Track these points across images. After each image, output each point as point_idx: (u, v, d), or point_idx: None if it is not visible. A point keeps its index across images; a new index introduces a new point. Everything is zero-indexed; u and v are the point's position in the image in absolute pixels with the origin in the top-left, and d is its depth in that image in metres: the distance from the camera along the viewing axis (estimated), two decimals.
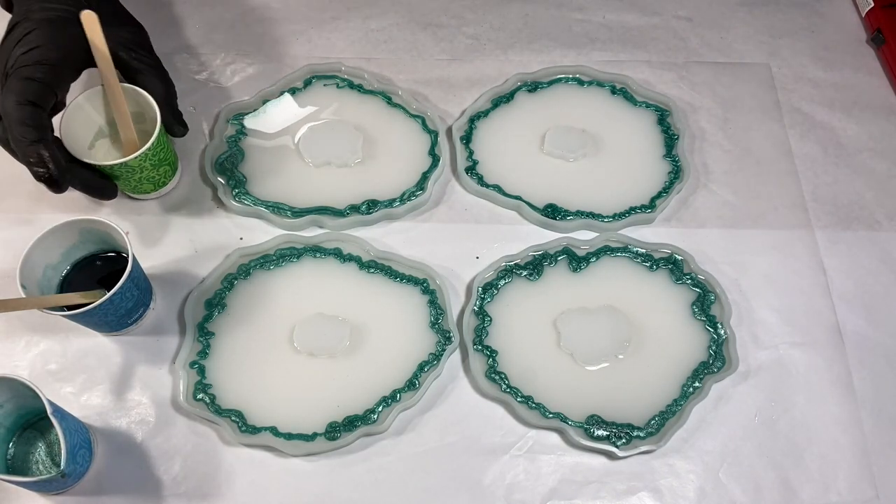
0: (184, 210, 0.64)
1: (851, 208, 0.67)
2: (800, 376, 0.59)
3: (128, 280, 0.53)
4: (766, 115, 0.72)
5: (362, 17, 0.76)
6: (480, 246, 0.64)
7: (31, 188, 0.61)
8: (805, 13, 0.79)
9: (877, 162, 0.70)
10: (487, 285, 0.61)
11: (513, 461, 0.56)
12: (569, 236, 0.64)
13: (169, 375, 0.58)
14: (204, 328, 0.59)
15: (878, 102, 0.73)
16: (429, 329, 0.59)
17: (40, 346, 0.58)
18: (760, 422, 0.58)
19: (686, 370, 0.58)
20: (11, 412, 0.53)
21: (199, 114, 0.69)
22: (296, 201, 0.64)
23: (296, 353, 0.58)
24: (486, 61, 0.74)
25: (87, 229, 0.55)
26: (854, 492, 0.55)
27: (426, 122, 0.68)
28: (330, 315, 0.59)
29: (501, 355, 0.59)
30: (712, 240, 0.65)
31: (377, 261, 0.62)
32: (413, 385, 0.57)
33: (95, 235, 0.56)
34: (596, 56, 0.74)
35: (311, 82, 0.70)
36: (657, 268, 0.63)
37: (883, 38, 0.75)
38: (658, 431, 0.56)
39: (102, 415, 0.56)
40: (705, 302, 0.61)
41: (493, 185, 0.66)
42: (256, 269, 0.61)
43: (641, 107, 0.71)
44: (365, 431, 0.55)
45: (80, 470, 0.53)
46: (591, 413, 0.57)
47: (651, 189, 0.66)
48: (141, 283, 0.56)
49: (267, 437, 0.55)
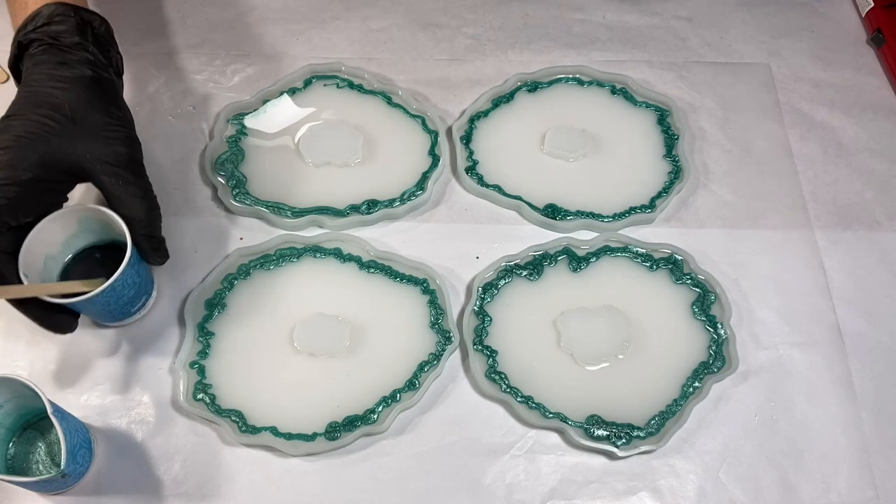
0: (184, 210, 0.64)
1: (851, 208, 0.67)
2: (800, 376, 0.59)
3: (128, 266, 0.53)
4: (766, 115, 0.72)
5: (362, 17, 0.76)
6: (480, 246, 0.64)
7: None
8: (805, 13, 0.79)
9: (877, 162, 0.70)
10: (487, 285, 0.61)
11: (513, 461, 0.56)
12: (569, 236, 0.64)
13: (169, 375, 0.58)
14: (204, 328, 0.59)
15: (878, 102, 0.73)
16: (429, 329, 0.59)
17: (40, 346, 0.58)
18: (760, 422, 0.58)
19: (686, 370, 0.59)
20: (11, 412, 0.53)
21: (199, 114, 0.69)
22: (296, 201, 0.64)
23: (296, 353, 0.58)
24: (486, 61, 0.74)
25: (86, 217, 0.55)
26: (854, 492, 0.55)
27: (426, 122, 0.68)
28: (330, 315, 0.59)
29: (501, 355, 0.59)
30: (712, 240, 0.65)
31: (377, 261, 0.62)
32: (413, 385, 0.57)
33: (95, 224, 0.56)
34: (596, 56, 0.74)
35: (311, 82, 0.70)
36: (657, 268, 0.63)
37: (883, 38, 0.75)
38: (658, 431, 0.56)
39: (102, 415, 0.56)
40: (705, 302, 0.61)
41: (493, 185, 0.66)
42: (256, 269, 0.61)
43: (641, 107, 0.71)
44: (365, 431, 0.55)
45: (80, 470, 0.53)
46: (591, 413, 0.57)
47: (651, 189, 0.66)
48: (141, 270, 0.56)
49: (267, 437, 0.55)
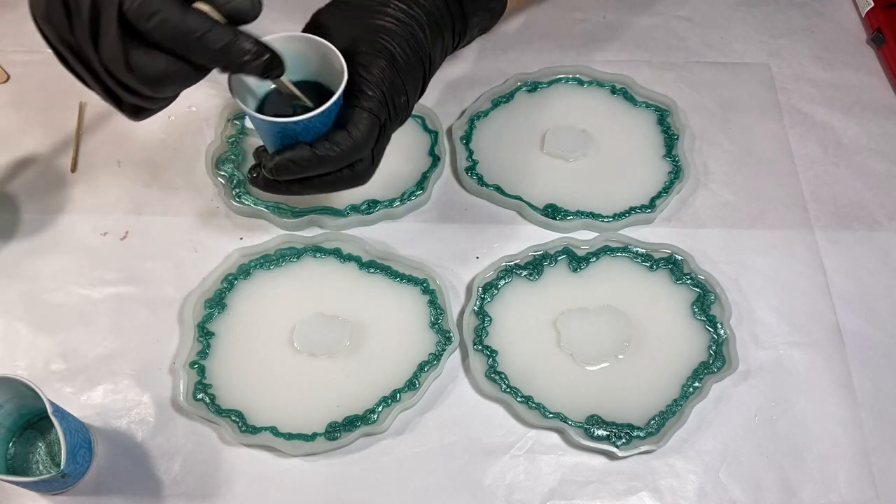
0: (184, 210, 0.64)
1: (851, 208, 0.67)
2: (800, 376, 0.59)
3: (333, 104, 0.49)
4: (766, 115, 0.72)
5: None
6: (480, 246, 0.64)
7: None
8: (805, 13, 0.79)
9: (877, 162, 0.70)
10: (487, 285, 0.61)
11: (513, 461, 0.56)
12: (569, 236, 0.64)
13: (169, 375, 0.58)
14: (204, 328, 0.59)
15: (878, 102, 0.73)
16: (429, 329, 0.59)
17: (40, 346, 0.58)
18: (760, 422, 0.58)
19: (686, 370, 0.58)
20: (11, 412, 0.53)
21: (199, 114, 0.69)
22: (296, 201, 0.64)
23: (296, 353, 0.58)
24: (486, 61, 0.73)
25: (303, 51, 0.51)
26: (854, 492, 0.55)
27: (426, 122, 0.68)
28: (330, 315, 0.59)
29: (501, 355, 0.59)
30: (712, 240, 0.65)
31: (377, 261, 0.62)
32: (413, 385, 0.57)
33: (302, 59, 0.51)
34: (596, 56, 0.74)
35: None
36: (657, 268, 0.63)
37: (883, 38, 0.75)
38: (658, 431, 0.56)
39: (102, 415, 0.56)
40: (705, 302, 0.61)
41: (493, 185, 0.66)
42: (257, 269, 0.61)
43: (641, 107, 0.71)
44: (365, 431, 0.55)
45: (80, 470, 0.53)
46: (591, 413, 0.56)
47: (651, 189, 0.66)
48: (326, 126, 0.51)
49: (267, 437, 0.55)
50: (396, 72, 0.51)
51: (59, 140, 0.67)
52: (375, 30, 0.51)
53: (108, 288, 0.61)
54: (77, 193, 0.65)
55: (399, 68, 0.51)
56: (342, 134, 0.50)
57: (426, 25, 0.53)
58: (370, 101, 0.50)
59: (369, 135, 0.50)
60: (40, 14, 0.43)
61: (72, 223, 0.63)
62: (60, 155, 0.66)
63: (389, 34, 0.51)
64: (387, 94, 0.51)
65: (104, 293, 0.60)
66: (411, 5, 0.53)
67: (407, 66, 0.52)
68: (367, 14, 0.52)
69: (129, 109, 0.47)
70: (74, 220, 0.63)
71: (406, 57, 0.52)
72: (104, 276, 0.61)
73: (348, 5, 0.53)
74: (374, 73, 0.50)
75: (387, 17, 0.52)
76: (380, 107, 0.50)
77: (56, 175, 0.65)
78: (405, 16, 0.52)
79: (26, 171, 0.65)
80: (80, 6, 0.41)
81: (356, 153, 0.51)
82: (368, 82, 0.50)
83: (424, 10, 0.53)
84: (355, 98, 0.50)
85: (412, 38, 0.52)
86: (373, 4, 0.52)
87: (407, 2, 0.53)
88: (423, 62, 0.53)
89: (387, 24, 0.52)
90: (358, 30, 0.52)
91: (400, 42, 0.52)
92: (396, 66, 0.51)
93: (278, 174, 0.51)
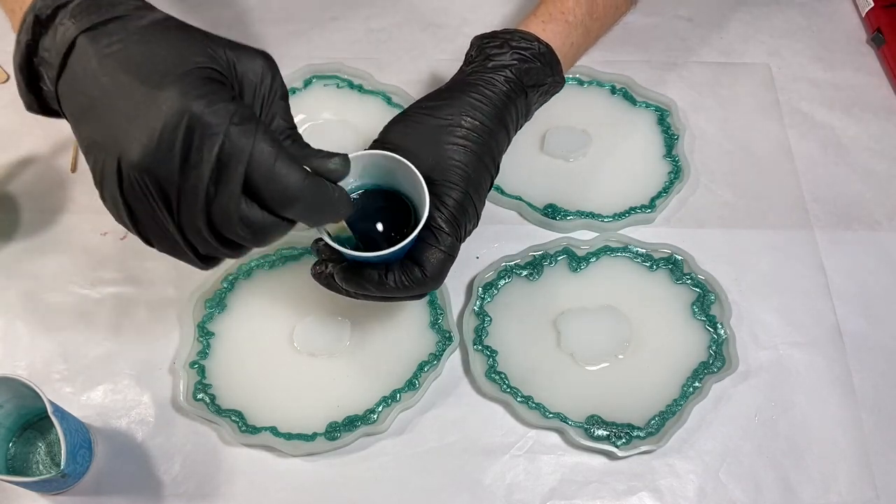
0: None
1: (851, 208, 0.67)
2: (800, 376, 0.59)
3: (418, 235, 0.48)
4: (765, 115, 0.72)
5: (362, 17, 0.76)
6: (480, 246, 0.64)
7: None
8: (805, 13, 0.79)
9: (877, 162, 0.70)
10: (487, 285, 0.61)
11: (513, 461, 0.56)
12: (569, 236, 0.64)
13: (169, 375, 0.58)
14: (204, 328, 0.59)
15: (878, 102, 0.73)
16: (429, 329, 0.59)
17: (40, 346, 0.58)
18: (760, 422, 0.58)
19: (686, 370, 0.58)
20: (11, 412, 0.53)
21: None
22: None
23: (296, 353, 0.58)
24: None
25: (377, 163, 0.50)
26: (854, 492, 0.55)
27: None
28: (330, 315, 0.59)
29: (501, 355, 0.59)
30: (712, 240, 0.65)
31: None
32: (413, 385, 0.57)
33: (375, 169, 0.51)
34: (596, 56, 0.74)
35: (311, 82, 0.70)
36: (657, 268, 0.63)
37: (883, 38, 0.75)
38: (658, 431, 0.56)
39: (102, 415, 0.56)
40: (705, 302, 0.61)
41: (494, 184, 0.66)
42: (257, 268, 0.61)
43: (641, 107, 0.71)
44: (365, 431, 0.55)
45: (80, 470, 0.53)
46: (591, 413, 0.56)
47: (651, 189, 0.66)
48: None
49: (267, 437, 0.55)
50: (468, 196, 0.51)
51: (59, 140, 0.67)
52: (449, 155, 0.51)
53: (108, 288, 0.61)
54: (77, 193, 0.65)
55: (472, 190, 0.51)
56: (416, 270, 0.49)
57: (495, 131, 0.53)
58: (445, 241, 0.50)
59: (441, 272, 0.50)
60: (147, 159, 0.38)
61: (72, 223, 0.63)
62: (60, 155, 0.66)
63: (462, 158, 0.51)
64: (460, 224, 0.51)
65: (104, 293, 0.60)
66: (483, 121, 0.53)
67: (477, 182, 0.52)
68: (439, 133, 0.52)
69: (203, 260, 0.44)
70: (74, 220, 0.63)
71: (478, 175, 0.52)
72: (104, 275, 0.61)
73: (420, 125, 0.53)
74: (448, 206, 0.50)
75: (458, 138, 0.52)
76: (453, 244, 0.50)
77: (56, 175, 0.65)
78: (477, 135, 0.52)
79: (26, 171, 0.66)
80: (204, 159, 0.38)
81: (427, 289, 0.51)
82: (444, 215, 0.50)
83: (493, 119, 0.53)
84: (430, 235, 0.50)
85: (486, 153, 0.52)
86: (444, 124, 0.52)
87: (479, 117, 0.52)
88: (490, 168, 0.53)
89: (458, 143, 0.52)
90: (431, 154, 0.51)
91: (472, 161, 0.51)
92: (469, 190, 0.51)
93: (346, 285, 0.51)
